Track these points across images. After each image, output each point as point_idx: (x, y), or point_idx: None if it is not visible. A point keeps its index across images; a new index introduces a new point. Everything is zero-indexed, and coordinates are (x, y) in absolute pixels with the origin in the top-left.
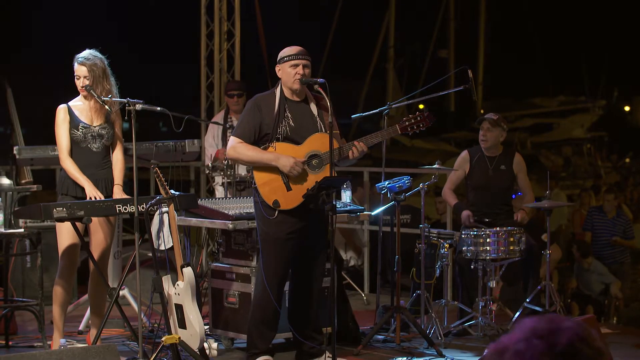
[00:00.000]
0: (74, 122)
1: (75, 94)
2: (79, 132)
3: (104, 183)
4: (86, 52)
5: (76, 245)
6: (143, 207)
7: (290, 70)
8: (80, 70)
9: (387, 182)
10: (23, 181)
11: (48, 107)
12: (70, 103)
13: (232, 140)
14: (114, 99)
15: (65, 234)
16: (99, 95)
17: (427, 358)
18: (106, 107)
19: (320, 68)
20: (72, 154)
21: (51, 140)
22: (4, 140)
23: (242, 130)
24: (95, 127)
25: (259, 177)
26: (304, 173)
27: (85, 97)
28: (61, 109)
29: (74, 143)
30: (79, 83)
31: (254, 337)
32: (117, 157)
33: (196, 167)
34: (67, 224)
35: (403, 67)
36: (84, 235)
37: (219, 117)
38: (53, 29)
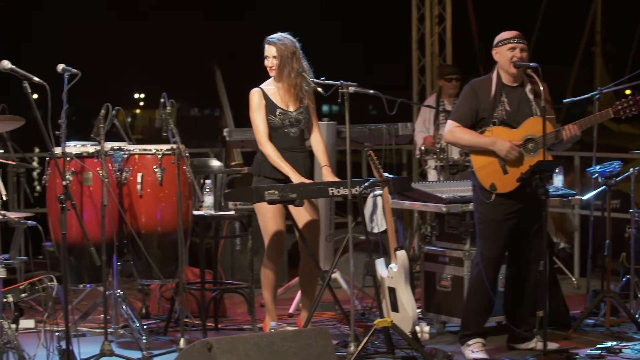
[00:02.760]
0: (270, 107)
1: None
2: (276, 118)
3: (303, 167)
4: (277, 34)
5: (281, 228)
6: (356, 190)
7: (507, 53)
8: (269, 50)
9: (598, 167)
10: (233, 163)
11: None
12: (263, 86)
13: (450, 124)
14: (326, 81)
15: (270, 217)
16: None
17: (637, 343)
18: (305, 88)
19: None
20: (270, 138)
21: None
22: (213, 122)
23: (460, 115)
24: (292, 112)
25: (477, 161)
26: (520, 157)
27: (279, 79)
28: (255, 93)
29: (271, 128)
30: (267, 63)
31: (468, 320)
32: (317, 139)
33: (408, 150)
34: (270, 207)
35: (610, 52)
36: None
37: (430, 100)
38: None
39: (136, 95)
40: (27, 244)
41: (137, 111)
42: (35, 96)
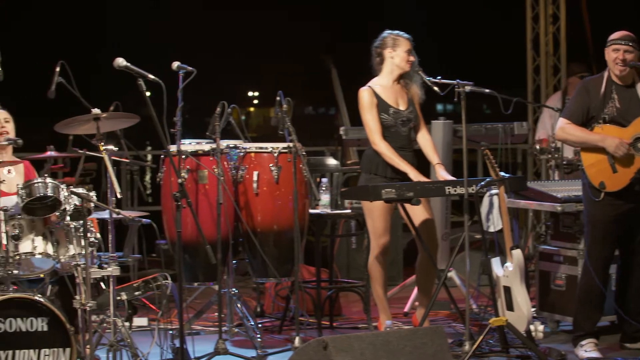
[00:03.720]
0: (382, 105)
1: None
2: (390, 117)
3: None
4: (400, 32)
5: (388, 227)
6: (473, 189)
7: (612, 54)
8: (408, 45)
9: None
10: (349, 162)
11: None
12: (372, 85)
13: (561, 122)
14: (443, 80)
15: (379, 216)
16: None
17: None
18: (414, 87)
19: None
20: (383, 137)
21: None
22: (329, 121)
23: (571, 112)
24: (404, 111)
25: (586, 159)
26: (630, 155)
27: (394, 77)
28: (365, 91)
29: (383, 127)
30: (407, 58)
31: (580, 319)
32: (426, 137)
33: (523, 149)
34: (380, 206)
35: None
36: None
37: (555, 98)
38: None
39: (250, 93)
40: (141, 242)
41: (251, 109)
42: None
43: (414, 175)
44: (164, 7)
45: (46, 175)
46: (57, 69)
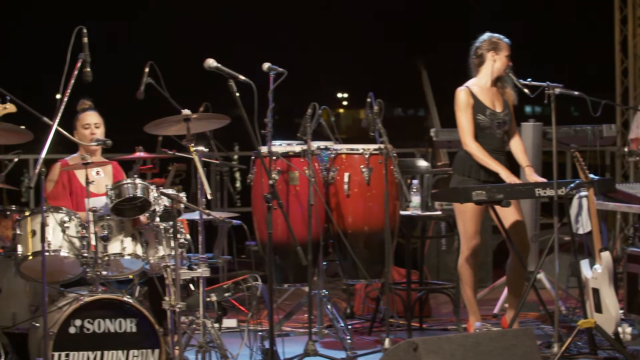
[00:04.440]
0: (479, 107)
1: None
2: (487, 118)
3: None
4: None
5: (479, 229)
6: (562, 191)
7: None
8: (507, 49)
9: None
10: (439, 163)
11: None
12: (469, 85)
13: None
14: (533, 82)
15: (470, 218)
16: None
17: None
18: (509, 91)
19: None
20: (475, 138)
21: None
22: (418, 122)
23: None
24: (500, 113)
25: None
26: None
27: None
28: (462, 92)
29: (478, 128)
30: (506, 61)
31: None
32: (517, 141)
33: (611, 151)
34: (472, 208)
35: None
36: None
37: None
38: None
39: (339, 95)
40: (231, 243)
41: (341, 110)
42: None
43: (506, 175)
44: (251, 8)
45: (135, 176)
46: (146, 70)
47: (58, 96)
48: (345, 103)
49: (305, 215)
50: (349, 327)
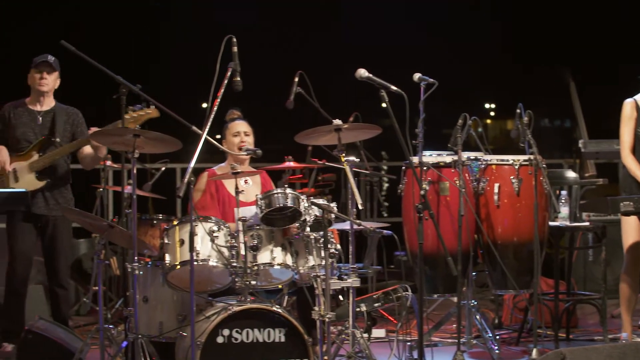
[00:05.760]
0: None
1: None
2: None
3: None
4: None
5: (638, 240)
6: None
7: None
8: None
9: None
10: (587, 174)
11: (610, 98)
12: (637, 98)
13: None
14: None
15: (629, 230)
16: None
17: None
18: None
19: None
20: (635, 151)
21: (612, 133)
22: (567, 133)
23: None
24: None
25: None
26: None
27: None
28: (627, 104)
29: (638, 141)
30: None
31: None
32: None
33: None
34: (632, 220)
35: None
36: None
37: None
38: None
39: (487, 105)
40: (381, 254)
41: (488, 121)
42: None
43: None
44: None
45: (286, 185)
46: (296, 79)
47: (204, 105)
48: (492, 114)
49: (455, 225)
50: (497, 337)
